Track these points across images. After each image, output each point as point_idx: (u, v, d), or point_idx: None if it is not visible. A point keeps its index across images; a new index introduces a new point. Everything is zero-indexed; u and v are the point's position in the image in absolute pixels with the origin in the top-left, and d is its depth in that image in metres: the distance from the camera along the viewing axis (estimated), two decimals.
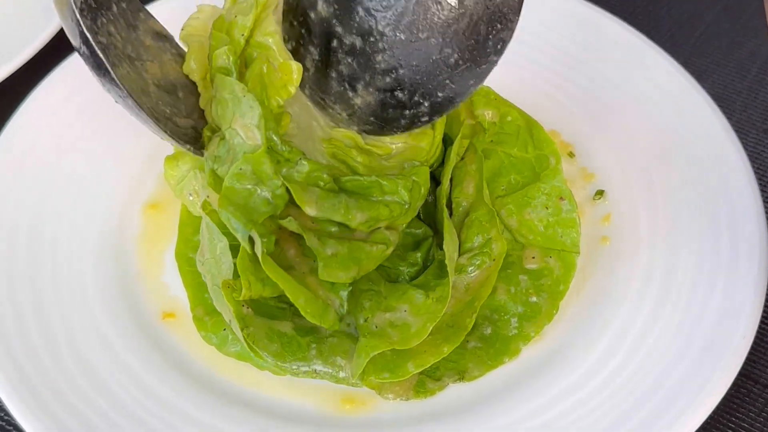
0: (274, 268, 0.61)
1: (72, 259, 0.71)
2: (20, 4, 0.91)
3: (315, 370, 0.63)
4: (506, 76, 0.74)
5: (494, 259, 0.66)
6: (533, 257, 0.69)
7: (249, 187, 0.61)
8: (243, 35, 0.64)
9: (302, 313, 0.62)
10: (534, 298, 0.68)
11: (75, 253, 0.72)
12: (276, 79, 0.64)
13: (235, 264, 0.61)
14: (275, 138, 0.63)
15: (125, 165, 0.78)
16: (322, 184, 0.63)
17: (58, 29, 0.87)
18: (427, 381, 0.64)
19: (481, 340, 0.65)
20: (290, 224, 0.62)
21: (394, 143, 0.68)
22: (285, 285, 0.61)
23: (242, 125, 0.61)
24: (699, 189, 0.73)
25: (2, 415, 0.68)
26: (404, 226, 0.67)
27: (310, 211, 0.62)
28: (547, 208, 0.70)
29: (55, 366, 0.64)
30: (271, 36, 0.64)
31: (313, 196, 0.62)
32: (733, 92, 0.91)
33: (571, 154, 0.79)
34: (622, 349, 0.65)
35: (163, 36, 0.67)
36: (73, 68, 0.82)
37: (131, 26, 0.63)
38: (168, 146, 0.77)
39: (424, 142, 0.68)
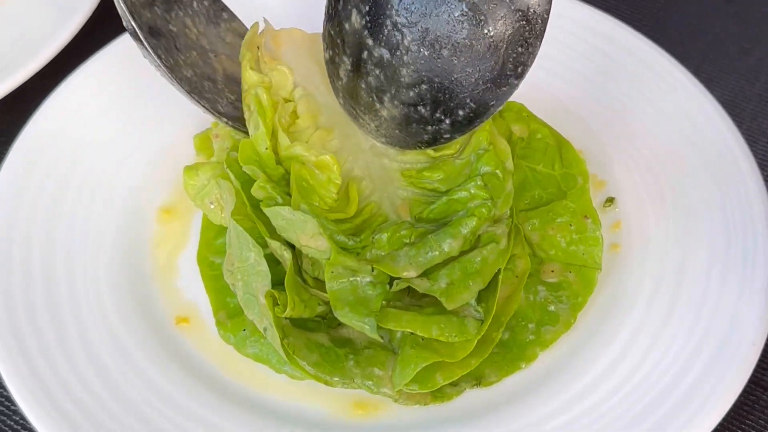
0: (397, 319, 0.62)
1: (86, 262, 0.72)
2: (36, 11, 0.92)
3: (353, 381, 0.63)
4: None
5: (518, 276, 0.66)
6: (552, 271, 0.70)
7: (348, 281, 0.62)
8: (266, 147, 0.66)
9: (443, 340, 0.62)
10: (552, 307, 0.68)
11: (89, 257, 0.72)
12: (320, 178, 0.65)
13: (271, 273, 0.62)
14: (341, 237, 0.63)
15: (139, 169, 0.79)
16: (407, 240, 0.64)
17: (73, 34, 0.87)
18: (445, 387, 0.64)
19: (498, 346, 0.65)
20: (400, 285, 0.63)
21: None
22: (413, 327, 0.62)
23: (308, 240, 0.63)
24: (709, 196, 0.73)
25: (18, 419, 0.69)
26: (507, 212, 0.67)
27: (410, 274, 0.63)
28: (571, 225, 0.71)
29: (69, 369, 0.65)
30: (296, 146, 0.66)
31: (404, 259, 0.63)
32: (743, 99, 0.91)
33: None
34: (632, 354, 0.65)
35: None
36: (90, 73, 0.83)
37: (212, 23, 0.73)
38: (184, 154, 0.78)
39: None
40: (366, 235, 0.64)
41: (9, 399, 0.67)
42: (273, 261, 0.64)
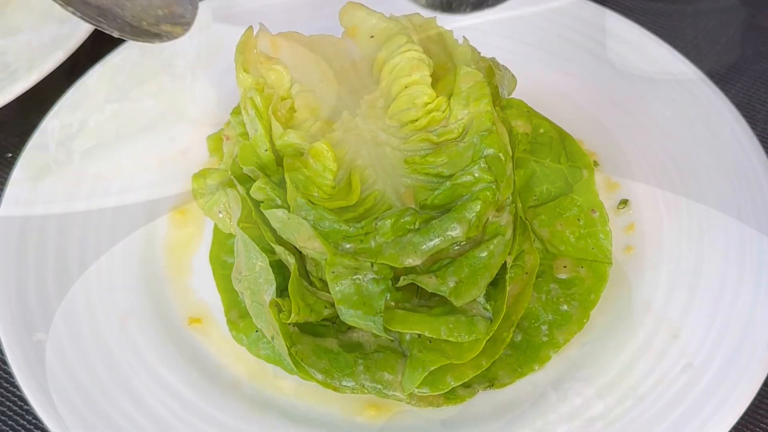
0: (405, 321, 0.61)
1: (100, 263, 0.72)
2: (50, 12, 0.92)
3: (363, 386, 0.63)
4: (532, 85, 0.74)
5: (527, 273, 0.66)
6: (565, 266, 0.69)
7: (350, 280, 0.62)
8: (266, 149, 0.66)
9: (453, 340, 0.61)
10: (564, 307, 0.68)
11: (103, 258, 0.72)
12: (315, 167, 0.65)
13: (277, 282, 0.62)
14: (343, 226, 0.63)
15: (153, 170, 0.79)
16: (411, 226, 0.63)
17: (87, 34, 0.87)
18: (458, 388, 0.64)
19: (511, 347, 0.65)
20: (406, 281, 0.62)
21: (458, 119, 0.67)
22: (422, 328, 0.61)
23: (305, 242, 0.63)
24: (723, 198, 0.73)
25: (30, 418, 0.69)
26: (509, 198, 0.66)
27: (413, 262, 0.62)
28: (579, 220, 0.70)
29: (82, 368, 0.65)
30: (289, 134, 0.66)
31: (408, 247, 0.62)
32: (758, 102, 0.90)
33: (595, 163, 0.79)
34: (647, 357, 0.65)
35: None
36: (105, 72, 0.83)
37: None
38: (198, 154, 0.78)
39: (481, 104, 0.67)
40: (368, 221, 0.63)
41: (22, 399, 0.67)
42: (282, 267, 0.64)
